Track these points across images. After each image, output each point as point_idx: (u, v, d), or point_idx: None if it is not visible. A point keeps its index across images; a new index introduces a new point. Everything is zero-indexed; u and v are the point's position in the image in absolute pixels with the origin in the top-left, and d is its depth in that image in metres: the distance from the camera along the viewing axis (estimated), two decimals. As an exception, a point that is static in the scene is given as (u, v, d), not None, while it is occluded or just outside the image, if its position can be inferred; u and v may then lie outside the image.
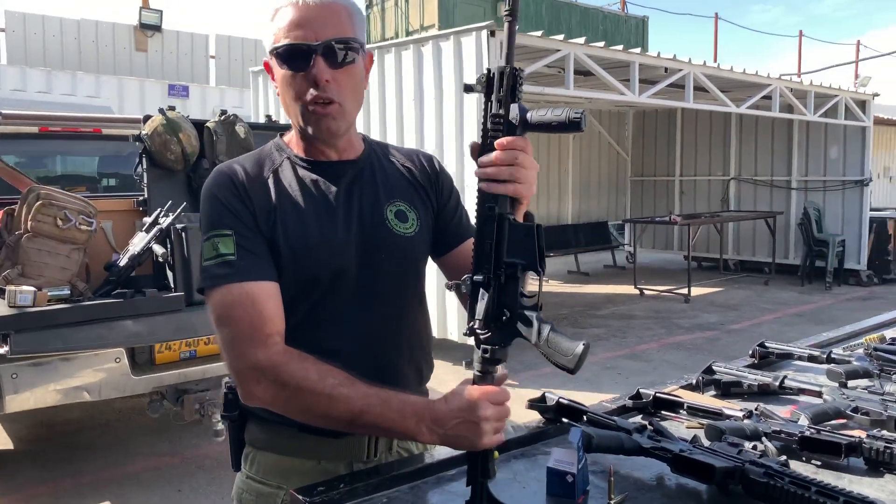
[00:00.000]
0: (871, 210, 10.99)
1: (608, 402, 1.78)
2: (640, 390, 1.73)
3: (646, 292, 9.99)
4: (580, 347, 1.08)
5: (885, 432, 1.39)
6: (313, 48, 1.21)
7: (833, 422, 1.58)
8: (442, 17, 12.33)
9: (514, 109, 1.12)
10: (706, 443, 1.35)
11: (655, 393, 1.70)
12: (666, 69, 7.17)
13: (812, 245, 10.63)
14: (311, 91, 1.23)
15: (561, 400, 1.58)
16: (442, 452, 1.41)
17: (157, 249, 3.38)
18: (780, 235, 11.28)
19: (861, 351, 2.16)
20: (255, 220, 1.24)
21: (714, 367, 1.91)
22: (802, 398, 1.79)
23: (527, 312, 1.11)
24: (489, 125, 1.13)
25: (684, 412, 1.66)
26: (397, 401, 1.16)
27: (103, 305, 3.20)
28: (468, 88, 1.21)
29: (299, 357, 1.18)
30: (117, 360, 3.44)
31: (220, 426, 3.67)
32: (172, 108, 3.92)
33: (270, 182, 1.29)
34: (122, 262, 3.45)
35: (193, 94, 11.53)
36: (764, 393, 1.80)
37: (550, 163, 12.07)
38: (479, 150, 1.14)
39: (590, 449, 1.29)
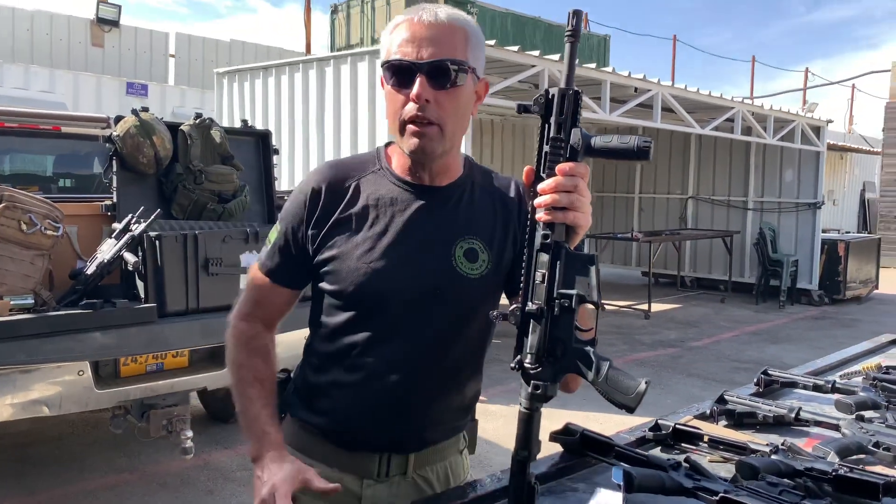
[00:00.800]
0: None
1: (626, 433, 1.74)
2: (660, 421, 1.69)
3: (606, 307, 10.07)
4: (642, 386, 1.04)
5: (919, 472, 1.38)
6: (418, 66, 1.19)
7: (854, 457, 1.56)
8: (409, 26, 12.27)
9: (575, 135, 1.07)
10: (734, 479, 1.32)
11: (675, 424, 1.66)
12: (636, 89, 7.25)
13: (767, 265, 10.89)
14: (410, 108, 1.20)
15: (586, 433, 1.52)
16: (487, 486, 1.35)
17: (129, 258, 3.22)
18: (736, 254, 11.52)
19: (860, 379, 2.17)
20: (305, 228, 1.30)
21: (726, 397, 1.89)
22: (815, 430, 1.77)
23: (584, 347, 1.06)
24: (549, 150, 1.07)
25: (705, 444, 1.63)
26: (257, 426, 1.30)
27: (70, 316, 3.03)
28: (523, 109, 1.15)
29: (248, 343, 1.36)
30: (80, 372, 3.25)
31: (189, 443, 3.52)
32: (146, 109, 3.76)
33: (350, 189, 1.31)
34: (90, 270, 3.28)
35: (153, 94, 11.21)
36: (778, 424, 1.78)
37: (515, 177, 12.11)
38: (534, 175, 1.09)
39: (631, 489, 1.24)
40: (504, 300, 1.40)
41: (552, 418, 1.46)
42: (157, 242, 3.25)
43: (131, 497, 3.89)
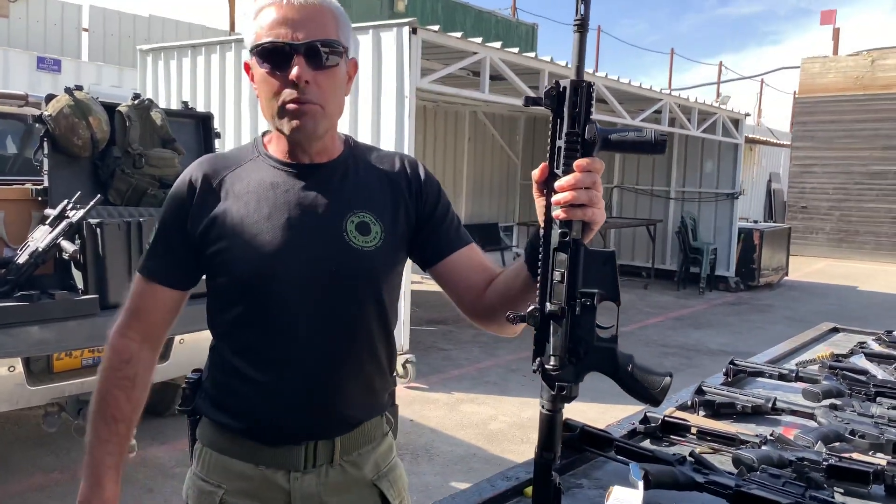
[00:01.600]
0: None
1: (615, 426, 1.76)
2: (648, 414, 1.72)
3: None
4: (667, 380, 1.05)
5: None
6: (295, 48, 1.18)
7: (833, 444, 1.63)
8: (337, 7, 12.02)
9: (590, 128, 1.04)
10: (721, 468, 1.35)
11: (664, 417, 1.69)
12: (572, 79, 7.35)
13: (688, 252, 11.33)
14: (290, 91, 1.19)
15: (586, 428, 1.53)
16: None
17: (67, 246, 3.02)
18: (659, 242, 11.92)
19: (817, 367, 2.27)
20: (185, 225, 1.27)
21: (704, 388, 1.94)
22: (789, 419, 1.84)
23: (606, 345, 1.05)
24: (564, 145, 1.04)
25: (692, 436, 1.66)
26: (95, 472, 1.28)
27: (4, 309, 2.81)
28: (532, 102, 1.12)
29: (115, 370, 1.30)
30: (11, 368, 3.04)
31: (132, 441, 3.35)
32: (80, 88, 3.53)
33: (228, 179, 1.28)
34: (21, 259, 3.06)
35: (66, 69, 10.54)
36: (756, 413, 1.85)
37: (446, 163, 12.12)
38: (548, 172, 1.05)
39: (648, 486, 1.25)
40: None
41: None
42: (98, 230, 3.06)
43: (63, 498, 3.68)
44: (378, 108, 5.92)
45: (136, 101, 3.67)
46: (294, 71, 1.17)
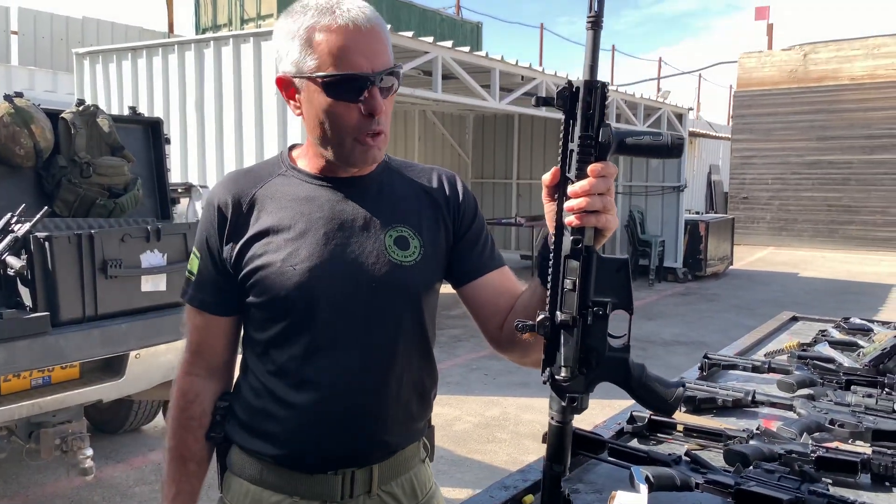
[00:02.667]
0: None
1: (602, 426, 1.75)
2: (634, 413, 1.71)
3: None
4: (679, 390, 1.03)
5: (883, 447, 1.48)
6: (372, 80, 1.14)
7: (815, 434, 1.66)
8: (281, 6, 11.83)
9: (605, 132, 1.02)
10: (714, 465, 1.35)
11: (651, 415, 1.69)
12: (522, 77, 7.39)
13: (637, 245, 11.54)
14: (365, 124, 1.16)
15: (577, 431, 1.51)
16: None
17: (13, 262, 2.87)
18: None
19: (785, 357, 2.32)
20: (221, 249, 1.24)
21: (685, 383, 1.94)
22: (766, 410, 1.87)
23: (618, 355, 1.03)
24: (577, 148, 1.02)
25: (679, 433, 1.67)
26: (163, 499, 1.33)
27: (-53, 331, 2.66)
28: (543, 102, 1.09)
29: (183, 411, 1.30)
30: (-45, 393, 2.88)
31: (90, 462, 3.22)
32: (20, 95, 3.35)
33: (258, 197, 1.24)
34: (-37, 276, 2.89)
35: (-4, 75, 10.11)
36: (736, 407, 1.87)
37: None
38: (559, 176, 1.03)
39: (650, 489, 1.24)
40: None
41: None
42: (46, 244, 2.92)
43: (13, 525, 3.52)
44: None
45: (80, 108, 3.51)
46: (373, 103, 1.15)
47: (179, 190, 4.13)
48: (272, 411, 1.23)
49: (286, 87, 1.20)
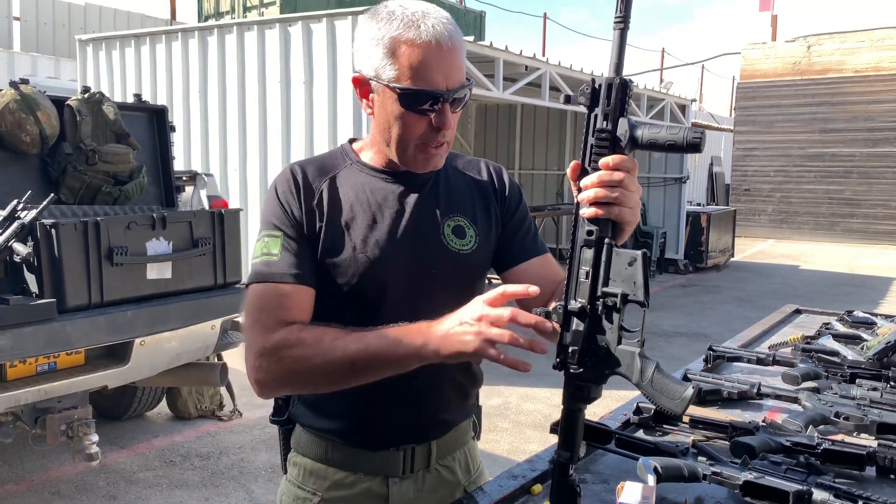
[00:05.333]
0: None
1: (608, 416, 1.76)
2: (640, 404, 1.72)
3: (493, 281, 10.27)
4: (689, 391, 1.03)
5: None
6: (445, 98, 1.20)
7: (820, 427, 1.67)
8: (283, -6, 11.77)
9: (622, 125, 1.03)
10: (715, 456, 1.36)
11: (657, 407, 1.70)
12: (526, 67, 7.37)
13: (638, 236, 11.50)
14: (433, 135, 1.22)
15: (585, 422, 1.52)
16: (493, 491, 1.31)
17: (19, 248, 2.88)
18: (611, 227, 12.09)
19: (789, 350, 2.33)
20: (302, 225, 1.25)
21: (689, 376, 1.96)
22: (771, 402, 1.88)
23: (629, 348, 1.03)
24: (594, 142, 1.03)
25: (685, 424, 1.68)
26: (395, 329, 1.14)
27: (-46, 317, 2.67)
28: (569, 100, 1.11)
29: (299, 328, 1.18)
30: (-39, 378, 2.90)
31: (95, 448, 3.24)
32: (25, 81, 3.35)
33: (325, 187, 1.29)
34: (-31, 262, 2.90)
35: (-2, 61, 10.08)
36: (741, 399, 1.88)
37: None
38: (580, 169, 1.05)
39: (659, 480, 1.25)
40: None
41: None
42: (52, 231, 2.93)
43: (20, 510, 3.55)
44: (334, 98, 5.84)
45: (86, 95, 3.51)
46: (443, 118, 1.20)
47: (184, 178, 4.13)
48: (338, 390, 1.26)
49: (361, 85, 1.26)
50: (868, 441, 1.56)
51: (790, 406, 1.81)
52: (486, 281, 1.43)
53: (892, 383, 1.88)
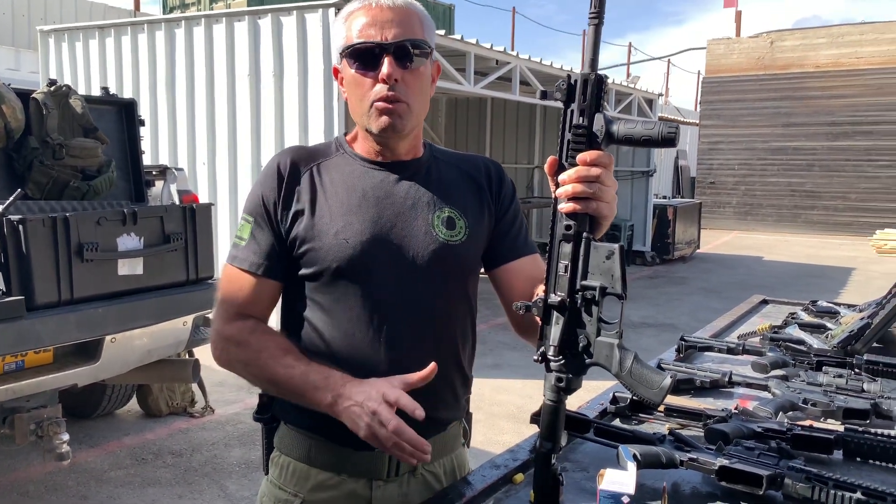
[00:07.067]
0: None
1: (585, 406, 1.80)
2: (616, 394, 1.76)
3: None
4: (667, 380, 1.05)
5: (858, 426, 1.55)
6: (384, 47, 1.21)
7: (790, 413, 1.73)
8: (250, -14, 11.64)
9: (598, 121, 1.05)
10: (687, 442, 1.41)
11: (633, 396, 1.73)
12: (497, 61, 7.40)
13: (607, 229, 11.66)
14: (380, 89, 1.22)
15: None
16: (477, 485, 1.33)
17: (-15, 245, 2.82)
18: (580, 220, 12.21)
19: (758, 339, 2.39)
20: (275, 215, 1.26)
21: (663, 366, 2.00)
22: (742, 391, 1.93)
23: (608, 340, 1.06)
24: (570, 137, 1.05)
25: (660, 413, 1.72)
26: (319, 374, 1.19)
27: (-81, 315, 2.61)
28: (545, 95, 1.13)
29: (251, 329, 1.25)
30: (-74, 378, 2.84)
31: (66, 448, 3.19)
32: (-11, 75, 3.27)
33: (313, 172, 1.29)
34: (-66, 259, 2.83)
35: (-46, 52, 9.81)
36: (713, 387, 1.93)
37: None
38: (557, 165, 1.07)
39: (638, 467, 1.28)
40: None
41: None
42: (20, 227, 2.87)
43: (-13, 511, 3.48)
44: (305, 92, 5.79)
45: (52, 88, 3.44)
46: (385, 69, 1.20)
47: (154, 172, 4.07)
48: None
49: (337, 74, 1.30)
50: (835, 426, 1.62)
51: (760, 394, 1.87)
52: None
53: (856, 370, 1.95)
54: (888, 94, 16.09)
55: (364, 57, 1.22)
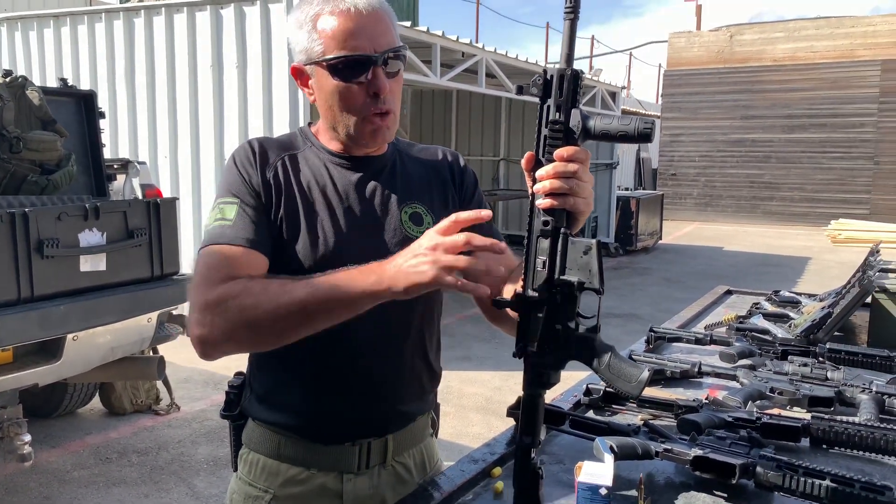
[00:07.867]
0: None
1: (559, 398, 1.82)
2: (589, 385, 1.78)
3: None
4: (645, 373, 1.07)
5: (826, 414, 1.59)
6: (373, 59, 1.19)
7: (757, 402, 1.77)
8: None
9: (575, 116, 1.06)
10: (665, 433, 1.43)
11: (606, 388, 1.76)
12: (463, 53, 7.39)
13: (572, 221, 11.78)
14: (373, 102, 1.21)
15: (539, 405, 1.57)
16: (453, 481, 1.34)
17: (-60, 242, 2.73)
18: (544, 212, 12.30)
19: (724, 330, 2.44)
20: (260, 195, 1.23)
21: (634, 357, 2.03)
22: (711, 381, 1.97)
23: (586, 335, 1.07)
24: (547, 133, 1.06)
25: (633, 404, 1.75)
26: (346, 271, 1.10)
27: None
28: (521, 90, 1.13)
29: (246, 279, 1.13)
30: None
31: (28, 448, 3.12)
32: (-59, 66, 3.16)
33: (283, 162, 1.27)
34: None
35: None
36: (683, 378, 1.96)
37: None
38: (534, 161, 1.07)
39: (615, 458, 1.30)
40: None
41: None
42: (-23, 223, 2.79)
43: (-52, 515, 3.39)
44: (269, 83, 5.72)
45: (7, 79, 3.34)
46: (377, 82, 1.19)
47: (116, 166, 3.98)
48: (289, 382, 1.28)
49: (300, 75, 1.25)
50: (801, 414, 1.66)
51: (729, 383, 1.91)
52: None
53: (819, 359, 2.00)
54: (843, 87, 16.51)
55: (352, 68, 1.19)
